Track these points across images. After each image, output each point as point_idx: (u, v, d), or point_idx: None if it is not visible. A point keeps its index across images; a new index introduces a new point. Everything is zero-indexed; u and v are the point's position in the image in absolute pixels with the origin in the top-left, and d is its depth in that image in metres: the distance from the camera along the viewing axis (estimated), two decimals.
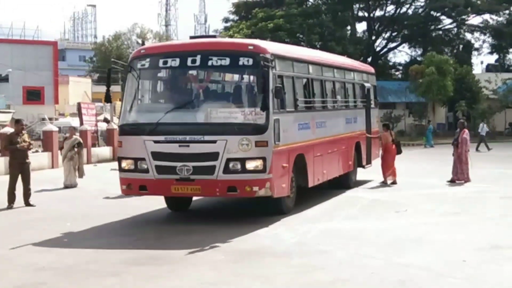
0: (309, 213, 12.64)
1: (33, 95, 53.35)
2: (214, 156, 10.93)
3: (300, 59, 13.53)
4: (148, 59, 11.83)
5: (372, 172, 18.47)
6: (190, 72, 12.21)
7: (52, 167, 23.64)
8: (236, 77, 13.03)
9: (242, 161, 10.93)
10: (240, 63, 11.40)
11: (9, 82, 52.55)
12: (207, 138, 10.97)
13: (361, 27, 60.17)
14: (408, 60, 56.70)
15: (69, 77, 64.05)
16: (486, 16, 54.03)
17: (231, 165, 10.93)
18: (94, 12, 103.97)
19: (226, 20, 54.96)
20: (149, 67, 11.89)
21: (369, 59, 51.73)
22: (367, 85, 18.17)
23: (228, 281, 7.86)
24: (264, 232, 10.75)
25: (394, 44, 56.44)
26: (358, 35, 54.14)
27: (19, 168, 13.99)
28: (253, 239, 10.22)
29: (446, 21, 54.60)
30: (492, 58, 62.99)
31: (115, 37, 75.56)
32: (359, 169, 17.39)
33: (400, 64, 58.16)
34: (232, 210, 13.52)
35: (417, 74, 43.53)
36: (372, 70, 20.19)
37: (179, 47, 12.71)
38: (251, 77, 11.92)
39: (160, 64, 11.84)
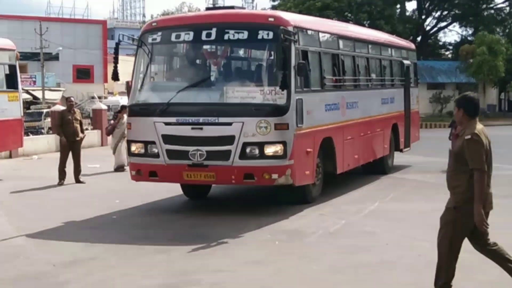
0: (353, 196, 12.53)
1: (82, 74, 54.17)
2: (229, 140, 10.02)
3: (328, 32, 12.51)
4: (159, 33, 10.90)
5: (411, 155, 17.82)
6: (205, 47, 11.25)
7: (102, 145, 24.01)
8: (255, 52, 11.89)
9: (260, 145, 10.00)
10: (260, 36, 10.33)
11: (59, 60, 53.45)
12: (222, 120, 10.06)
13: (411, 6, 59.45)
14: (458, 39, 55.67)
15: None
16: None
17: (248, 150, 10.01)
18: None
19: None
20: (160, 42, 10.98)
21: (419, 39, 50.94)
22: (406, 62, 16.90)
23: (274, 260, 7.90)
24: (310, 212, 10.72)
25: (444, 24, 55.38)
26: (407, 14, 53.28)
27: (69, 146, 14.27)
28: (298, 220, 10.22)
29: (498, 0, 53.37)
30: None
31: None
32: (397, 153, 16.44)
33: (450, 44, 57.16)
34: (253, 199, 12.63)
35: (467, 54, 42.73)
36: (412, 46, 18.95)
37: (193, 19, 11.66)
38: (271, 52, 10.69)
39: (173, 38, 10.89)
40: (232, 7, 12.79)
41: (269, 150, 10.06)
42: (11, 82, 16.53)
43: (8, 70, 16.55)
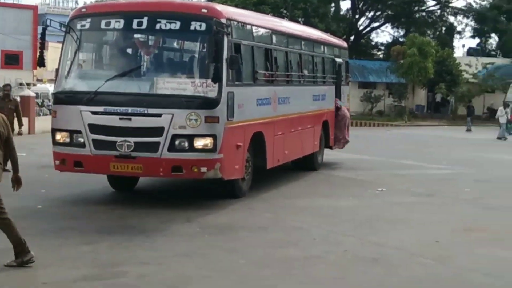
0: (283, 191, 12.60)
1: (11, 59, 52.52)
2: (158, 131, 9.83)
3: (261, 27, 12.34)
4: (89, 19, 10.58)
5: (340, 152, 17.99)
6: (136, 35, 10.97)
7: (29, 133, 23.40)
8: (187, 43, 11.61)
9: (190, 138, 9.84)
10: (192, 27, 10.13)
11: None
12: (151, 111, 9.86)
13: (345, 5, 60.16)
14: (390, 40, 56.70)
15: (48, 42, 63.25)
16: (470, 0, 54.23)
17: (177, 142, 9.85)
18: None
19: None
20: (89, 28, 10.63)
21: (352, 38, 51.66)
22: (338, 60, 16.88)
23: (202, 253, 7.86)
24: (240, 207, 10.73)
25: (377, 24, 56.32)
26: (342, 13, 53.95)
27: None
28: (228, 214, 10.22)
29: (430, 3, 54.56)
30: (474, 42, 63.31)
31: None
32: (327, 150, 16.48)
33: (382, 44, 58.10)
34: (183, 192, 12.48)
35: (398, 55, 43.55)
36: (345, 45, 18.97)
37: (124, 7, 11.26)
38: (204, 44, 10.48)
39: (102, 25, 10.58)
40: None
41: (199, 143, 9.93)
42: None
43: None
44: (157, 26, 10.33)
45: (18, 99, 25.63)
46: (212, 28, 9.91)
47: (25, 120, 23.61)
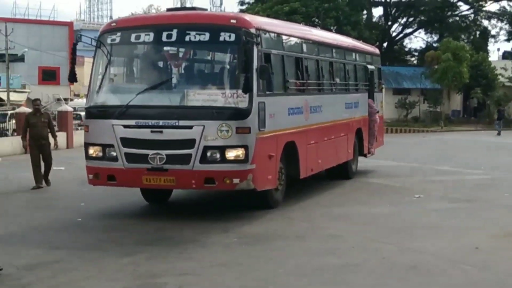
0: (318, 199, 12.55)
1: (48, 75, 53.59)
2: (190, 143, 9.82)
3: (291, 35, 12.26)
4: (119, 34, 10.63)
5: (376, 160, 17.82)
6: (165, 48, 10.98)
7: (67, 147, 23.77)
8: (217, 54, 11.56)
9: (221, 149, 9.80)
10: (221, 38, 10.10)
11: (25, 62, 52.81)
12: (182, 123, 9.86)
13: (377, 12, 59.93)
14: (424, 46, 56.30)
15: (84, 58, 64.08)
16: (504, 3, 53.67)
17: (209, 154, 9.81)
18: None
19: (241, 3, 54.63)
20: (120, 43, 10.67)
21: (385, 45, 51.47)
22: (370, 67, 16.79)
23: (240, 263, 7.91)
24: (276, 216, 10.74)
25: (410, 30, 56.04)
26: (374, 20, 53.80)
27: (38, 148, 13.99)
28: (265, 223, 10.23)
29: (463, 7, 54.17)
30: (509, 45, 62.73)
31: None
32: (361, 158, 16.29)
33: (416, 50, 57.81)
34: (216, 203, 12.45)
35: (432, 60, 43.28)
36: (377, 51, 18.88)
37: (153, 20, 11.46)
38: (233, 55, 10.49)
39: (132, 39, 10.61)
40: (193, 8, 12.55)
41: (231, 154, 9.87)
42: None
43: None
44: (187, 38, 10.32)
45: (55, 112, 26.24)
46: (241, 38, 9.90)
47: (63, 134, 24.19)
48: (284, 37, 11.84)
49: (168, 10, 12.68)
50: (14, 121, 26.89)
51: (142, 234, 9.51)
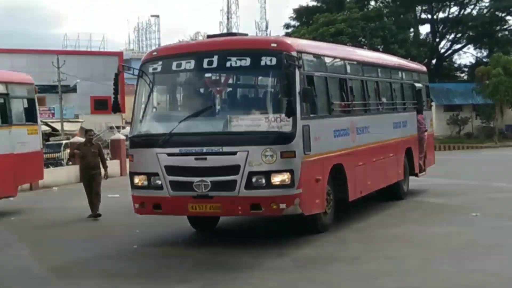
0: (371, 221, 12.39)
1: (100, 105, 54.59)
2: (234, 169, 9.69)
3: (333, 57, 12.14)
4: (160, 62, 10.68)
5: (428, 178, 17.42)
6: (207, 75, 10.94)
7: (121, 174, 24.10)
8: (258, 79, 11.41)
9: (267, 174, 9.65)
10: (262, 63, 10.03)
11: (77, 92, 53.99)
12: (226, 149, 9.76)
13: (424, 29, 59.37)
14: (473, 61, 55.60)
15: (131, 87, 65.20)
16: None
17: (254, 179, 9.66)
18: (158, 22, 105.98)
19: (287, 26, 55.05)
20: (161, 71, 10.70)
21: (434, 61, 51.01)
22: (418, 85, 16.46)
23: (296, 286, 7.87)
24: (330, 239, 10.66)
25: (459, 46, 55.47)
26: (421, 37, 53.41)
27: (89, 178, 14.25)
28: (319, 246, 10.16)
29: None
30: None
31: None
32: (412, 178, 15.88)
33: (465, 66, 57.13)
34: (265, 228, 12.32)
35: (483, 75, 42.67)
36: (424, 69, 18.57)
37: (194, 47, 11.46)
38: (275, 79, 10.28)
39: (174, 67, 10.61)
40: (234, 34, 12.48)
41: (276, 179, 9.72)
42: (30, 116, 16.70)
43: (27, 104, 16.72)
44: (228, 64, 10.27)
45: (109, 141, 26.70)
46: (282, 61, 9.77)
47: (116, 162, 24.58)
48: (327, 59, 11.77)
49: (209, 36, 12.69)
50: (68, 151, 27.49)
51: (196, 260, 9.56)
